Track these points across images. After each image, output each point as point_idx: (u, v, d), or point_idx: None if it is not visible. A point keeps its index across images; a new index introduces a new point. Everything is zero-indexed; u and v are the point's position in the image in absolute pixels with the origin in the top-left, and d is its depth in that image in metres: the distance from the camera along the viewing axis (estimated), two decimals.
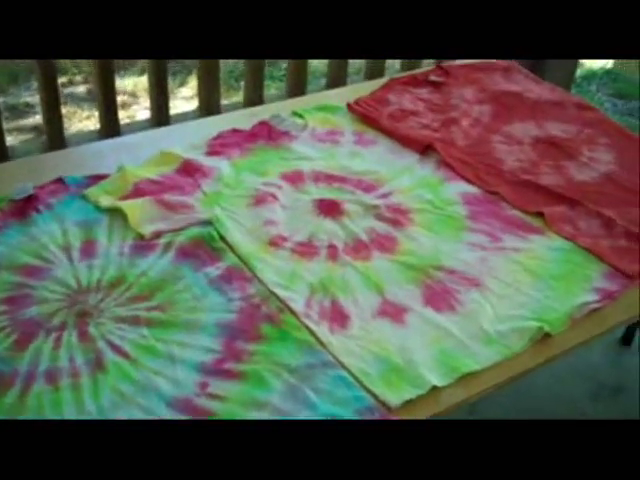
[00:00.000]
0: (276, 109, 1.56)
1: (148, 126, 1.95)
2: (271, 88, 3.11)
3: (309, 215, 1.26)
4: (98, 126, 1.97)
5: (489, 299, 1.12)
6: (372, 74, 2.19)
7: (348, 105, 1.56)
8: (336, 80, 2.17)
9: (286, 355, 1.00)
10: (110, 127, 1.91)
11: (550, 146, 1.49)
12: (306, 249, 1.19)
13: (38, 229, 1.19)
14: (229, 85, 3.51)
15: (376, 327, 1.06)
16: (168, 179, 1.30)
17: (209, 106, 2.02)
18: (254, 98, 2.07)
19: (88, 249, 1.16)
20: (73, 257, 1.14)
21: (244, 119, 1.50)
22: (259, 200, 1.28)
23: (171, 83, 3.48)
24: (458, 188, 1.36)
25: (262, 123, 1.47)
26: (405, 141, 1.47)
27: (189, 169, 1.33)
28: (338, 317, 1.07)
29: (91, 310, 1.05)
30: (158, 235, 1.19)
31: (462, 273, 1.16)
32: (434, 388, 0.96)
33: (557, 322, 1.08)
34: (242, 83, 2.22)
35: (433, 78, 1.68)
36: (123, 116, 3.20)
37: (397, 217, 1.27)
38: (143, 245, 1.17)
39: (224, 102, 2.17)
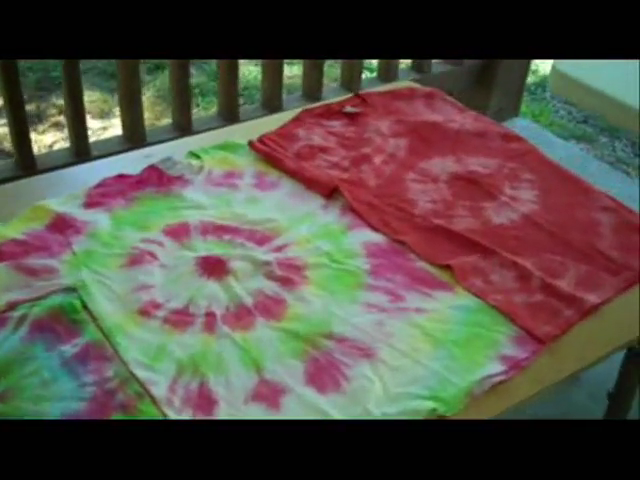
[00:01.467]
0: (171, 149, 1.43)
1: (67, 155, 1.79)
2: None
3: (190, 276, 1.13)
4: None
5: (380, 373, 0.99)
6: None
7: (250, 143, 1.43)
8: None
9: None
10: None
11: (468, 184, 1.37)
12: (180, 318, 1.06)
13: None
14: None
15: (246, 414, 0.93)
16: (35, 238, 1.17)
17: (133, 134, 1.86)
18: (182, 122, 1.93)
19: None
20: None
21: (135, 162, 1.37)
22: (134, 260, 1.14)
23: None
24: (362, 237, 1.23)
25: (151, 167, 1.34)
26: (310, 183, 1.34)
27: (61, 225, 1.19)
28: (204, 403, 0.94)
29: None
30: (12, 307, 1.05)
31: (354, 341, 1.04)
32: None
33: (454, 401, 0.95)
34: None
35: (348, 109, 1.56)
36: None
37: (289, 275, 1.14)
38: None
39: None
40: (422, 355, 1.02)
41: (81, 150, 1.78)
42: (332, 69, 2.82)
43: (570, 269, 1.19)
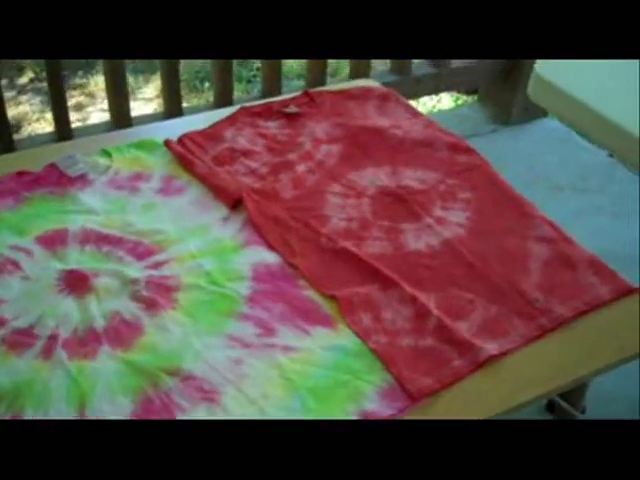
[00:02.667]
0: (89, 144, 1.34)
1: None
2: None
3: (48, 292, 1.04)
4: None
5: None
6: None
7: (166, 142, 1.32)
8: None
9: None
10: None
11: (395, 201, 1.23)
12: (21, 338, 0.97)
13: None
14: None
15: None
16: None
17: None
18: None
19: None
20: None
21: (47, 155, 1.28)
22: None
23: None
24: (255, 256, 1.12)
25: (52, 165, 1.25)
26: (216, 191, 1.23)
27: None
28: None
29: None
30: None
31: (201, 381, 0.93)
32: None
33: None
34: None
35: (288, 109, 1.43)
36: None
37: (157, 297, 1.03)
38: None
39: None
40: (270, 404, 0.90)
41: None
42: None
43: (478, 309, 1.04)
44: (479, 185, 1.28)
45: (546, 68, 1.56)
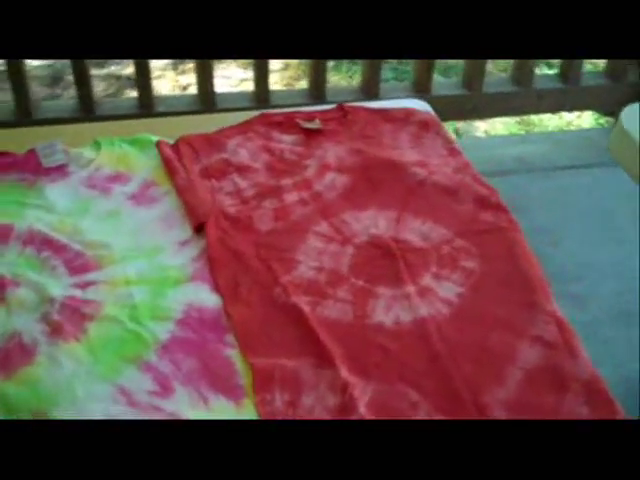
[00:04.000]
0: (83, 132, 1.26)
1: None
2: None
3: None
4: None
5: None
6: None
7: (158, 143, 1.21)
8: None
9: None
10: None
11: (383, 255, 1.05)
12: None
13: None
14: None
15: None
16: None
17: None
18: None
19: None
20: None
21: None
22: None
23: None
24: (193, 295, 0.98)
25: (32, 151, 1.17)
26: (186, 209, 1.10)
27: None
28: None
29: None
30: None
31: None
32: None
33: None
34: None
35: (306, 124, 1.27)
36: None
37: (65, 323, 0.93)
38: None
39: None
40: None
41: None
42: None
43: (417, 416, 0.86)
44: (493, 253, 1.07)
45: (632, 120, 1.29)
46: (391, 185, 1.17)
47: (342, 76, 3.04)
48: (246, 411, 0.85)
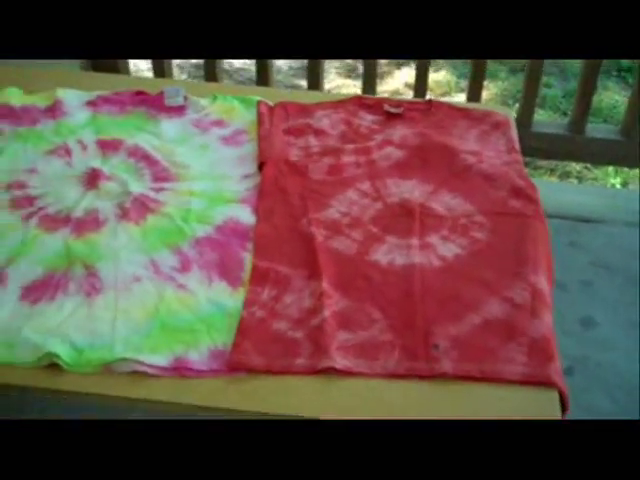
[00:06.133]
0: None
1: None
2: None
3: (74, 181, 1.25)
4: None
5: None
6: None
7: (258, 102, 1.44)
8: None
9: None
10: None
11: (404, 214, 1.20)
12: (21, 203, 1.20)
13: None
14: None
15: None
16: (24, 111, 1.41)
17: None
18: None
19: None
20: None
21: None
22: (55, 150, 1.32)
23: None
24: (236, 212, 1.20)
25: (161, 93, 1.47)
26: (258, 151, 1.32)
27: (53, 109, 1.41)
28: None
29: None
30: None
31: (96, 280, 1.06)
32: None
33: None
34: None
35: (391, 109, 1.44)
36: None
37: (132, 211, 1.19)
38: None
39: None
40: (126, 318, 1.01)
41: None
42: None
43: (370, 329, 1.01)
44: (505, 231, 1.17)
45: None
46: (438, 165, 1.31)
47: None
48: (236, 295, 1.05)
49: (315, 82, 2.12)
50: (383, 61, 2.95)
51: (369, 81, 2.12)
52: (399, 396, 0.94)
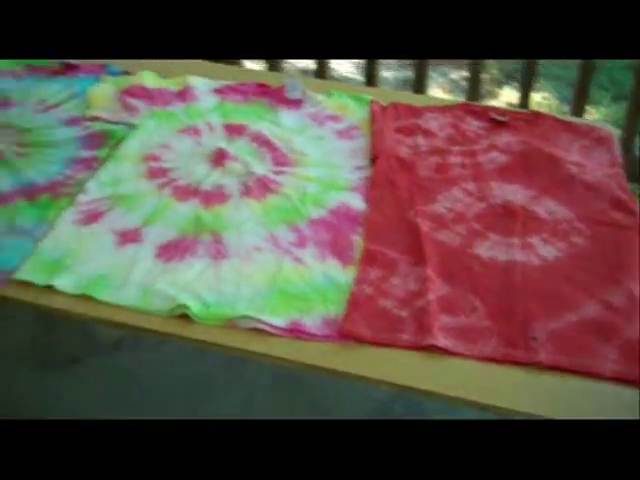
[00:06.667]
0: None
1: None
2: None
3: (202, 159, 1.37)
4: None
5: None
6: None
7: (372, 101, 1.54)
8: None
9: None
10: None
11: (506, 215, 1.27)
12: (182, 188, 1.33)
13: None
14: None
15: None
16: (158, 92, 1.54)
17: None
18: None
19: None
20: None
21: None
22: (186, 130, 1.44)
23: None
24: (348, 198, 1.29)
25: (281, 86, 1.57)
26: (371, 146, 1.41)
27: (184, 94, 1.54)
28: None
29: None
30: (94, 119, 1.45)
31: (220, 246, 1.17)
32: None
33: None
34: None
35: (497, 116, 1.51)
36: None
37: (255, 189, 1.30)
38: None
39: None
40: (247, 283, 1.11)
41: None
42: None
43: (471, 316, 1.08)
44: (605, 239, 1.23)
45: None
46: (543, 172, 1.37)
47: None
48: (347, 272, 1.14)
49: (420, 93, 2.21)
50: (486, 79, 3.00)
51: (473, 97, 2.19)
52: (494, 379, 1.00)
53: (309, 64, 2.99)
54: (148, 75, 1.58)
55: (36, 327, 1.92)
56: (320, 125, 1.49)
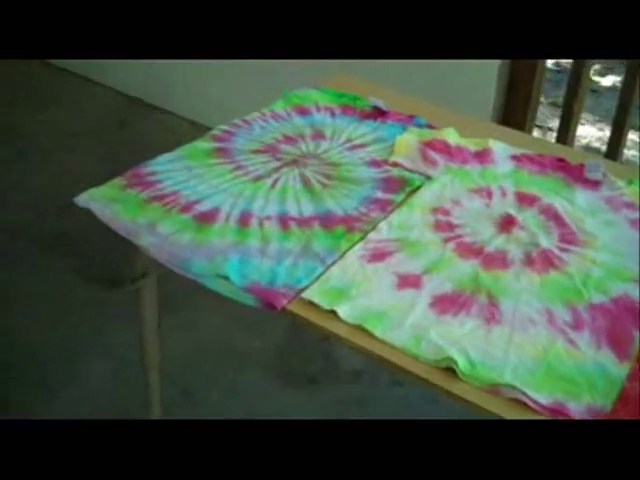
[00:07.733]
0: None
1: None
2: None
3: (488, 221, 1.41)
4: None
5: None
6: None
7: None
8: None
9: None
10: None
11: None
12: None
13: None
14: None
15: None
16: (458, 149, 1.61)
17: None
18: None
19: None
20: None
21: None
22: (478, 190, 1.49)
23: None
24: (634, 295, 1.25)
25: (581, 164, 1.56)
26: None
27: (483, 154, 1.60)
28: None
29: None
30: (395, 165, 1.56)
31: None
32: None
33: None
34: None
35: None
36: None
37: (537, 264, 1.30)
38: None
39: None
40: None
41: None
42: None
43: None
44: None
45: None
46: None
47: None
48: (622, 367, 1.10)
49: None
50: None
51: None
52: None
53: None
54: (451, 132, 1.65)
55: (285, 337, 2.07)
56: (615, 211, 1.46)
